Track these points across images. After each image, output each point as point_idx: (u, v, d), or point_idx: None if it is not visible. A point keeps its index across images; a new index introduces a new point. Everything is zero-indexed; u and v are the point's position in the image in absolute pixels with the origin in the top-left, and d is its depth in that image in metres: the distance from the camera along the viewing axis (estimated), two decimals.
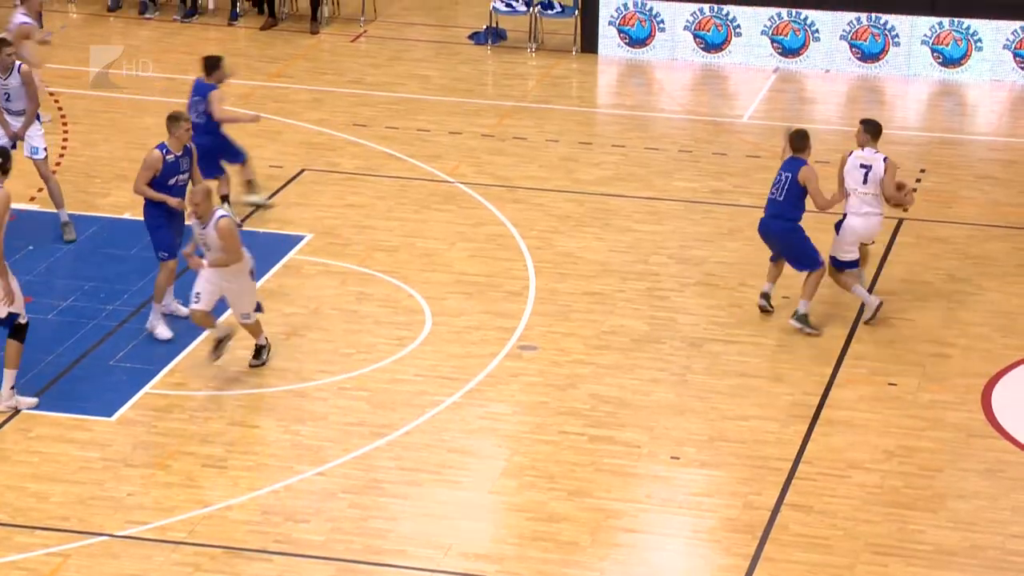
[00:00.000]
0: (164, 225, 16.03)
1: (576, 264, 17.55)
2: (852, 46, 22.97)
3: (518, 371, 15.46)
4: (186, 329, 15.98)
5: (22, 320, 14.57)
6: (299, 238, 17.92)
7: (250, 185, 18.48)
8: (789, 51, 23.13)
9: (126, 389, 15.14)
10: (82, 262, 17.51)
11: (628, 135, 21.00)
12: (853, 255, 16.23)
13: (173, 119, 16.08)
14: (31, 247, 17.59)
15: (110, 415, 14.75)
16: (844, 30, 22.93)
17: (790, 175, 16.00)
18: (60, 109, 20.64)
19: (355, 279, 17.21)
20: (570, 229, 18.37)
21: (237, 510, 13.48)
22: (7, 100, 17.90)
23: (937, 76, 22.83)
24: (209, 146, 17.56)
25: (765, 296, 16.49)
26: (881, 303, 16.29)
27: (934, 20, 22.74)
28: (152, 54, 23.18)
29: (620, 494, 13.77)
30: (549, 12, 23.70)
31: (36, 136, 17.98)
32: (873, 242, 16.56)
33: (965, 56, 22.76)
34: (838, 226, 16.20)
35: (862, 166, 16.03)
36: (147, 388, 15.17)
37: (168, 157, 15.91)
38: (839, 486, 13.87)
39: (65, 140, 20.17)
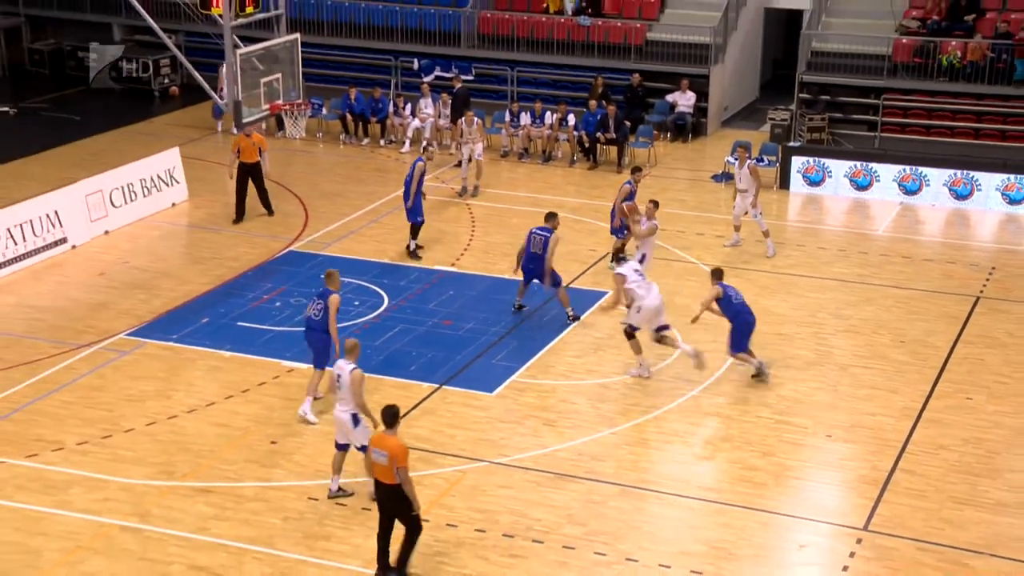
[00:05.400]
0: None
1: (770, 316, 17.33)
2: (950, 190, 22.21)
3: (735, 379, 15.38)
4: (543, 339, 16.31)
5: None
6: (604, 292, 18.15)
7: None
8: (910, 192, 22.48)
9: (501, 377, 15.37)
10: (482, 303, 17.54)
11: (805, 239, 20.66)
12: None
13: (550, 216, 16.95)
14: (451, 292, 17.99)
15: (492, 391, 15.10)
16: (946, 180, 22.19)
17: None
18: (471, 213, 21.22)
19: None
20: (767, 295, 18.16)
21: (563, 452, 13.70)
22: (739, 181, 19.34)
23: (1005, 210, 21.93)
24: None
25: None
26: None
27: (1005, 176, 21.89)
28: (522, 183, 23.68)
29: (794, 457, 13.63)
30: (761, 163, 23.47)
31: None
32: None
33: None
34: None
35: None
36: (514, 377, 15.42)
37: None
38: (932, 460, 13.51)
39: (473, 231, 20.77)
